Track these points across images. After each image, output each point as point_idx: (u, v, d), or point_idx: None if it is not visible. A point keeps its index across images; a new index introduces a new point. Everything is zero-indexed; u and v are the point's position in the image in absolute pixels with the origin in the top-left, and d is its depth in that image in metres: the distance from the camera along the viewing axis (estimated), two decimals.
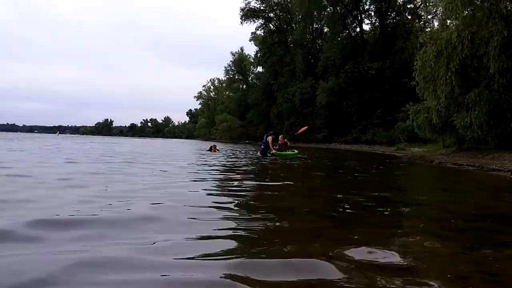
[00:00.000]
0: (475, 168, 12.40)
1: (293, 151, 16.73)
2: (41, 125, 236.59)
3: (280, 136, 17.02)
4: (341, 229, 3.63)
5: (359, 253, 2.79)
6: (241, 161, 13.45)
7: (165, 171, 8.57)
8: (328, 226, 3.78)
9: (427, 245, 3.18)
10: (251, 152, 19.05)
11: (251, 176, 8.59)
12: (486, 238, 3.46)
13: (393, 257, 2.71)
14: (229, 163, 12.50)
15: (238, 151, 23.01)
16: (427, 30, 26.02)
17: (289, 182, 7.36)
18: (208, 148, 21.17)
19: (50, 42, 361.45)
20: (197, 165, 10.98)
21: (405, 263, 2.59)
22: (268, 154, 15.92)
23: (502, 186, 8.24)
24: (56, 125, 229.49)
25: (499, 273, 2.49)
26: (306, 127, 22.90)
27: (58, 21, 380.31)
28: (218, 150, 20.64)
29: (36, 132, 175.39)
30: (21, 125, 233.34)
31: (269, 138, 16.12)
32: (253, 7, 68.33)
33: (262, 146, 16.59)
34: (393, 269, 2.48)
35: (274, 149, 15.96)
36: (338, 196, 5.97)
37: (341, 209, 4.76)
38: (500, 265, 2.67)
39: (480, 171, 11.78)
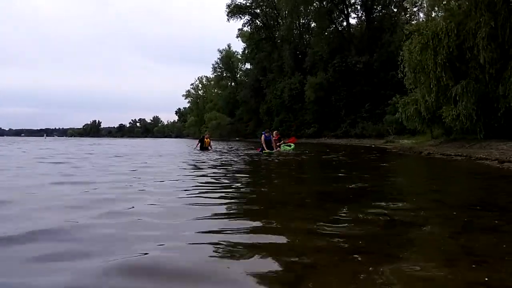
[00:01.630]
0: (463, 158, 12.51)
1: (290, 145, 17.09)
2: (27, 128, 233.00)
3: (274, 132, 17.05)
4: (331, 219, 3.64)
5: (348, 241, 2.81)
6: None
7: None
8: (318, 216, 3.79)
9: (416, 232, 3.22)
10: (251, 151, 18.30)
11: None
12: (473, 224, 3.50)
13: (382, 244, 2.73)
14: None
15: (235, 149, 22.19)
16: (413, 22, 26.14)
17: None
18: (198, 140, 19.29)
19: (34, 44, 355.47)
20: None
21: (394, 250, 2.61)
22: (263, 152, 15.74)
23: (489, 174, 8.32)
24: (43, 128, 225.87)
25: (486, 256, 2.52)
26: (295, 139, 23.18)
27: (41, 23, 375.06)
28: (210, 140, 19.30)
29: (23, 136, 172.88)
30: (7, 129, 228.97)
31: (275, 134, 16.34)
32: (239, 3, 68.05)
33: (264, 145, 16.12)
34: (382, 256, 2.48)
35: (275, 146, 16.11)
36: (328, 188, 5.97)
37: (331, 200, 4.78)
38: (487, 249, 2.70)
39: (468, 160, 11.89)
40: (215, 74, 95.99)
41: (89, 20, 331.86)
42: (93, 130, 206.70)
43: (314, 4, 54.98)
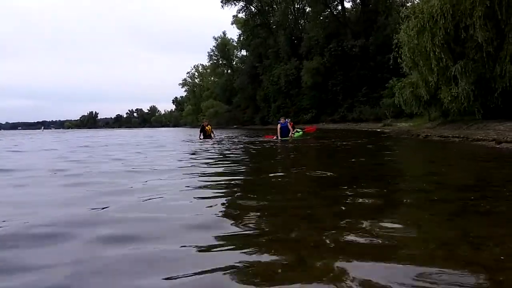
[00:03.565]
0: (460, 139, 12.55)
1: (298, 131, 17.41)
2: (24, 121, 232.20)
3: (287, 120, 17.07)
4: (330, 203, 3.68)
5: (346, 226, 2.83)
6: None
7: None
8: (317, 201, 3.83)
9: (414, 215, 3.24)
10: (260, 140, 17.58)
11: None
12: (471, 206, 3.51)
13: (380, 229, 2.74)
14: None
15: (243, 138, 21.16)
16: (408, 4, 25.96)
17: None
18: (200, 130, 18.78)
19: (28, 36, 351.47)
20: None
21: (392, 234, 2.61)
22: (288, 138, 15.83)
23: (487, 155, 8.35)
24: (40, 120, 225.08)
25: (483, 239, 2.53)
26: (315, 127, 22.80)
27: (33, 14, 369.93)
28: (211, 127, 18.90)
29: (20, 129, 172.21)
30: (3, 123, 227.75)
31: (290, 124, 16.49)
32: None
33: (280, 132, 16.18)
34: (380, 240, 2.49)
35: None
36: (328, 171, 5.99)
37: (330, 183, 4.81)
38: (484, 231, 2.71)
39: (465, 142, 11.93)
40: (211, 62, 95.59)
41: (82, 10, 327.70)
42: (90, 121, 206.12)
43: None
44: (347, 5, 54.25)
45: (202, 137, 18.35)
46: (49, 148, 14.55)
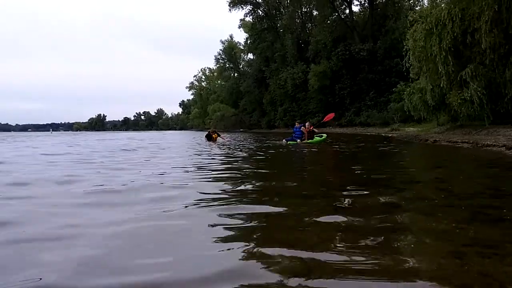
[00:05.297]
0: (469, 145, 12.38)
1: (321, 136, 17.09)
2: (34, 123, 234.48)
3: (306, 124, 17.06)
4: (335, 208, 3.63)
5: (353, 233, 2.78)
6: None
7: None
8: (323, 207, 3.77)
9: (423, 222, 3.17)
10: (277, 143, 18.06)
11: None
12: (481, 213, 3.44)
13: (388, 236, 2.68)
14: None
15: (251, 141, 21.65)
16: (416, 8, 25.89)
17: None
18: (205, 136, 19.85)
19: (37, 39, 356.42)
20: None
21: (401, 242, 2.56)
22: (296, 142, 15.97)
23: (496, 161, 8.22)
24: (49, 122, 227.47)
25: (494, 246, 2.47)
26: (333, 114, 22.06)
27: (43, 16, 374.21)
28: (219, 136, 19.52)
29: (29, 131, 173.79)
30: (14, 125, 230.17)
31: (304, 128, 16.55)
32: None
33: (294, 135, 16.69)
34: (388, 248, 2.44)
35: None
36: (334, 177, 5.94)
37: (336, 189, 4.75)
38: (495, 239, 2.66)
39: (474, 147, 11.77)
40: (218, 65, 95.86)
41: (91, 13, 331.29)
42: (98, 124, 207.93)
43: None
44: (355, 8, 54.29)
45: (206, 141, 19.38)
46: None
